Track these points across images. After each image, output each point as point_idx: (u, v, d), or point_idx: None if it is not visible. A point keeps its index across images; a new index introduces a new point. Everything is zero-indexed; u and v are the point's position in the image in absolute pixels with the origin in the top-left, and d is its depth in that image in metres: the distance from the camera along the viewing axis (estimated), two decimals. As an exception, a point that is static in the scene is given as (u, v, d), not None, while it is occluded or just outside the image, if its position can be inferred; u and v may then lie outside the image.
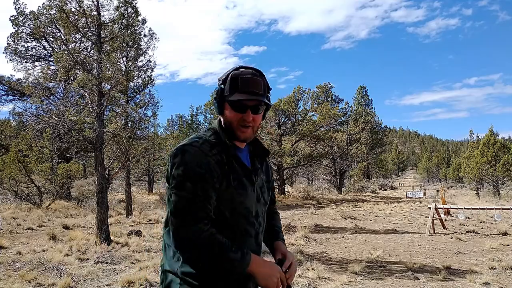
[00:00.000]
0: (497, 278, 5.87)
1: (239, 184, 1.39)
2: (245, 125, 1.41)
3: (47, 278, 5.40)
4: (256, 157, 1.53)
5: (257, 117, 1.44)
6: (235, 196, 1.38)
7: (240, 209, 1.39)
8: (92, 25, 8.04)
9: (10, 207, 14.65)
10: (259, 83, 1.41)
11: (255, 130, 1.47)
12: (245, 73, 1.43)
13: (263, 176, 1.55)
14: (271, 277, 1.34)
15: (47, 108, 10.65)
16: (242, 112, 1.40)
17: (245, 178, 1.42)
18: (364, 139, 32.86)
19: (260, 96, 1.40)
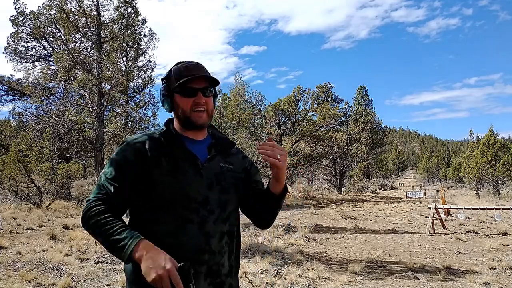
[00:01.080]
0: (497, 278, 5.87)
1: (175, 169, 1.39)
2: (199, 109, 1.44)
3: (47, 278, 5.39)
4: (217, 147, 1.52)
5: (209, 100, 1.47)
6: (169, 181, 1.37)
7: (178, 196, 1.36)
8: (92, 25, 8.05)
9: (10, 207, 14.64)
10: (199, 67, 1.47)
11: (210, 115, 1.49)
12: (186, 63, 1.49)
13: (226, 165, 1.51)
14: (150, 269, 1.18)
15: (47, 108, 10.67)
16: (193, 96, 1.43)
17: (187, 163, 1.41)
18: (364, 139, 32.85)
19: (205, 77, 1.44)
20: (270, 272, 5.90)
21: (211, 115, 1.49)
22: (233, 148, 1.61)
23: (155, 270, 1.17)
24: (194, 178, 1.40)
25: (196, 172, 1.41)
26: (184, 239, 1.34)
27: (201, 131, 1.52)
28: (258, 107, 26.82)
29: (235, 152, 1.61)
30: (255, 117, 26.17)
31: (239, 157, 1.61)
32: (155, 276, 1.17)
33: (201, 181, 1.41)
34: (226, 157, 1.54)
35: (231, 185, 1.50)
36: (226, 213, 1.45)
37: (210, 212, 1.40)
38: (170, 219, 1.35)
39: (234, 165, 1.55)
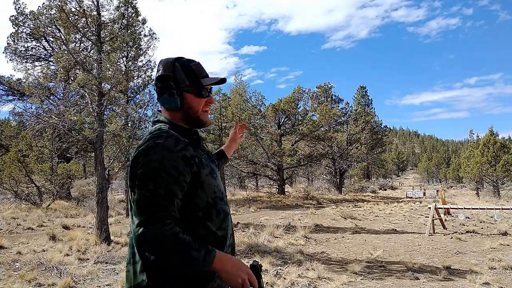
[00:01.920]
0: (497, 278, 5.87)
1: (211, 170, 1.47)
2: (207, 109, 1.52)
3: (47, 278, 5.40)
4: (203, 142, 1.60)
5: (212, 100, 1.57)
6: (212, 182, 1.44)
7: (218, 193, 1.47)
8: (92, 25, 8.04)
9: (10, 207, 14.65)
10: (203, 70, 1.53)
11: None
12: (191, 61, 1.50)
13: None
14: (235, 276, 1.31)
15: (47, 108, 10.66)
16: (206, 96, 1.50)
17: (212, 163, 1.52)
18: (364, 139, 32.83)
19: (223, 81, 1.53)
20: (270, 272, 5.90)
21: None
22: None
23: (240, 275, 1.32)
24: (219, 175, 1.55)
25: (218, 169, 1.59)
26: (227, 230, 1.48)
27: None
28: (258, 107, 26.82)
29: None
30: (255, 117, 26.16)
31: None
32: (240, 280, 1.31)
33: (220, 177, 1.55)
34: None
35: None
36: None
37: (228, 203, 1.58)
38: (216, 214, 1.44)
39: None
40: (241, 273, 1.32)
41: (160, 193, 1.25)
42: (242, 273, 1.32)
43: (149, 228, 1.22)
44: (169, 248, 1.22)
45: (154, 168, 1.26)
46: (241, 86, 26.19)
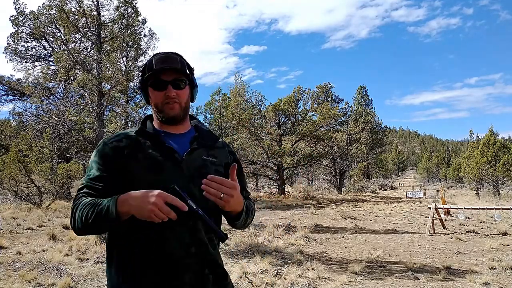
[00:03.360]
0: (497, 278, 5.87)
1: (153, 164, 1.37)
2: (170, 102, 1.41)
3: (47, 278, 5.39)
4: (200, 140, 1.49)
5: (181, 92, 1.43)
6: (148, 176, 1.35)
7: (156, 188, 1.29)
8: (92, 25, 8.04)
9: (10, 207, 14.64)
10: (174, 59, 1.43)
11: (184, 107, 1.46)
12: (160, 54, 1.47)
13: (209, 158, 1.47)
14: (142, 206, 1.18)
15: (47, 108, 10.67)
16: (163, 89, 1.41)
17: (163, 157, 1.39)
18: (364, 139, 32.84)
19: (176, 70, 1.41)
20: (270, 272, 5.90)
21: (185, 107, 1.47)
22: (218, 141, 1.57)
23: (146, 203, 1.17)
24: (174, 172, 1.38)
25: (175, 166, 1.39)
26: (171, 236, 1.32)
27: (181, 125, 1.50)
28: (258, 107, 26.82)
29: (220, 146, 1.57)
30: (255, 117, 26.17)
31: (225, 150, 1.57)
32: (150, 207, 1.16)
33: (182, 174, 1.38)
34: (210, 150, 1.50)
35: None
36: (208, 205, 1.36)
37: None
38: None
39: (217, 158, 1.51)
40: (147, 200, 1.17)
41: (87, 178, 1.38)
42: (150, 198, 1.17)
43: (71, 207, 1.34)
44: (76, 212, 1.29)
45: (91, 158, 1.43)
46: (241, 86, 26.21)
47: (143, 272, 1.32)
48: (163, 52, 1.47)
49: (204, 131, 1.55)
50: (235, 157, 1.60)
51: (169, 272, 1.33)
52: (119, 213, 1.22)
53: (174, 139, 1.46)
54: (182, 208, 1.19)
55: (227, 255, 7.12)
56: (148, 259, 1.33)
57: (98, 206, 1.25)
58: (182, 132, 1.50)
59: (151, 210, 1.16)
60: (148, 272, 1.32)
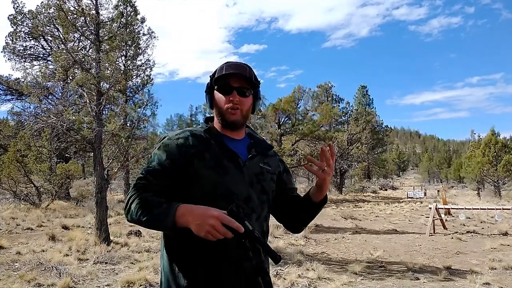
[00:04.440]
0: (497, 278, 5.84)
1: (218, 165, 1.40)
2: (233, 107, 1.44)
3: (47, 278, 5.38)
4: (257, 148, 1.55)
5: (245, 100, 1.47)
6: (213, 176, 1.38)
7: (221, 190, 1.38)
8: (90, 24, 8.01)
9: (9, 207, 14.63)
10: (244, 68, 1.47)
11: (245, 115, 1.49)
12: (232, 62, 1.53)
13: (265, 166, 1.53)
14: (199, 224, 1.19)
15: (45, 108, 10.65)
16: (229, 93, 1.45)
17: (227, 160, 1.43)
18: (364, 139, 32.83)
19: (245, 78, 1.45)
20: (270, 272, 5.87)
21: (245, 115, 1.50)
22: (271, 150, 1.63)
23: (205, 223, 1.19)
24: (236, 175, 1.42)
25: (238, 170, 1.43)
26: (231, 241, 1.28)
27: (239, 131, 1.53)
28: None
29: (272, 154, 1.63)
30: (255, 117, 26.15)
31: (276, 159, 1.64)
32: (207, 228, 1.18)
33: (243, 178, 1.43)
34: (265, 158, 1.56)
35: (270, 186, 1.53)
36: (264, 212, 1.48)
37: (253, 210, 1.42)
38: None
39: (271, 167, 1.57)
40: (206, 219, 1.19)
41: (146, 168, 1.40)
42: (209, 219, 1.18)
43: (127, 198, 1.36)
44: (133, 204, 1.31)
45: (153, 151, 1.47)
46: (241, 86, 26.17)
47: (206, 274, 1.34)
48: (234, 61, 1.53)
49: (259, 140, 1.62)
50: (285, 166, 1.69)
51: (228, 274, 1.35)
52: (175, 223, 1.23)
53: (233, 144, 1.50)
54: (238, 230, 1.20)
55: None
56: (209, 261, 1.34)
57: (157, 208, 1.27)
58: (240, 138, 1.54)
59: (208, 230, 1.19)
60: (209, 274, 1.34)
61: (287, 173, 1.67)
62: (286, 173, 1.67)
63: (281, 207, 1.60)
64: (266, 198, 1.50)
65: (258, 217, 1.45)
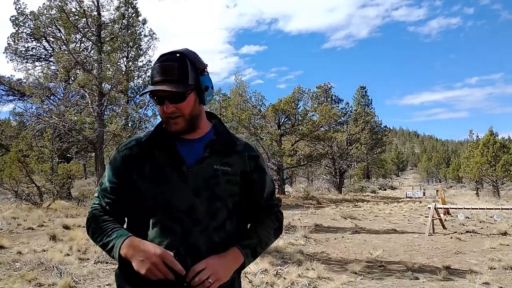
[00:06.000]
0: (496, 278, 5.88)
1: (157, 176, 1.30)
2: (171, 117, 1.29)
3: (48, 278, 5.40)
4: (216, 146, 1.35)
5: (182, 106, 1.28)
6: (151, 188, 1.29)
7: (160, 202, 1.28)
8: (92, 25, 8.05)
9: (11, 207, 14.63)
10: (169, 68, 1.27)
11: (189, 119, 1.31)
12: (158, 60, 1.33)
13: (222, 167, 1.34)
14: (143, 261, 1.16)
15: (47, 108, 10.69)
16: (161, 104, 1.28)
17: (171, 167, 1.30)
18: (364, 139, 32.86)
19: (171, 82, 1.25)
20: (270, 272, 5.91)
21: (190, 118, 1.31)
22: (238, 145, 1.41)
23: (147, 260, 1.15)
24: (178, 184, 1.29)
25: (181, 177, 1.29)
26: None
27: (195, 131, 1.37)
28: (258, 107, 26.82)
29: (240, 150, 1.40)
30: (255, 117, 26.18)
31: (243, 156, 1.40)
32: (149, 266, 1.15)
33: (186, 187, 1.29)
34: (226, 156, 1.36)
35: (227, 191, 1.33)
36: (217, 222, 1.31)
37: (196, 222, 1.28)
38: (152, 225, 1.29)
39: (232, 166, 1.36)
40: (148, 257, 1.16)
41: (99, 187, 1.39)
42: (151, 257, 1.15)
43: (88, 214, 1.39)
44: (91, 234, 1.32)
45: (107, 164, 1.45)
46: (241, 86, 26.21)
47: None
48: (162, 58, 1.32)
49: (223, 134, 1.41)
50: (258, 162, 1.43)
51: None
52: (121, 256, 1.22)
53: (188, 145, 1.35)
54: (180, 273, 1.16)
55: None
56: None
57: (108, 236, 1.26)
58: (198, 137, 1.38)
59: (149, 269, 1.15)
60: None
61: (259, 172, 1.43)
62: (259, 171, 1.43)
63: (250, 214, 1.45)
64: (221, 205, 1.32)
65: (205, 229, 1.28)
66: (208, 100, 1.37)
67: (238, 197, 1.37)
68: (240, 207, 1.40)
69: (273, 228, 1.45)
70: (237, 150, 1.40)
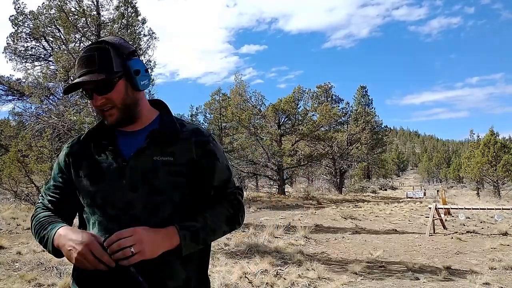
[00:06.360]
0: (497, 278, 5.86)
1: (94, 173, 1.24)
2: (104, 109, 1.22)
3: (47, 278, 5.39)
4: (157, 136, 1.26)
5: (111, 95, 1.20)
6: (88, 186, 1.24)
7: (97, 201, 1.23)
8: (91, 24, 8.04)
9: (10, 207, 14.64)
10: (89, 59, 1.19)
11: (122, 108, 1.23)
12: (83, 51, 1.26)
13: (163, 158, 1.23)
14: (72, 250, 1.10)
15: (46, 108, 10.68)
16: (91, 98, 1.22)
17: (107, 164, 1.24)
18: (364, 139, 32.83)
19: (93, 73, 1.18)
20: (270, 272, 5.89)
21: (123, 107, 1.23)
22: (184, 132, 1.29)
23: (74, 249, 1.09)
24: (114, 180, 1.22)
25: (117, 173, 1.22)
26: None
27: (136, 121, 1.29)
28: (258, 107, 26.81)
29: (186, 137, 1.28)
30: (255, 117, 26.18)
31: (189, 143, 1.27)
32: (76, 255, 1.08)
33: (123, 183, 1.21)
34: (169, 146, 1.24)
35: (167, 183, 1.22)
36: (158, 218, 1.20)
37: (134, 219, 1.18)
38: (91, 225, 1.25)
39: (175, 155, 1.24)
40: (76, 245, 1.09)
41: (45, 186, 1.37)
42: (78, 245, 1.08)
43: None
44: (32, 226, 1.29)
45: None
46: (241, 86, 26.21)
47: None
48: (84, 49, 1.25)
49: (167, 122, 1.31)
50: (206, 148, 1.29)
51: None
52: (56, 249, 1.17)
53: (129, 138, 1.28)
54: (109, 265, 1.08)
55: (227, 255, 7.11)
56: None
57: (43, 229, 1.22)
58: (141, 128, 1.29)
59: (77, 259, 1.09)
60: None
61: (208, 158, 1.29)
62: (207, 157, 1.29)
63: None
64: (163, 199, 1.21)
65: (145, 225, 1.17)
66: (143, 85, 1.26)
67: (188, 189, 1.25)
68: (192, 200, 1.27)
69: (225, 215, 1.29)
70: (182, 137, 1.28)
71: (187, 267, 1.24)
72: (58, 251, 1.17)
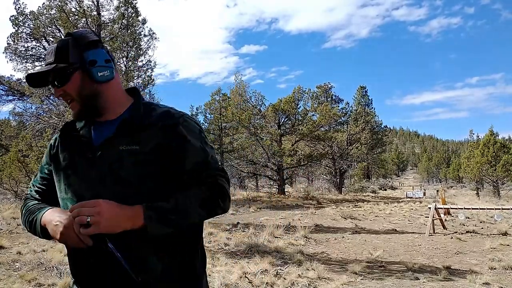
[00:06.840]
0: (497, 278, 5.87)
1: (68, 165, 1.23)
2: (67, 102, 1.21)
3: (47, 278, 5.40)
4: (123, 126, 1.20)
5: (67, 87, 1.18)
6: (63, 179, 1.23)
7: (69, 193, 1.21)
8: (92, 25, 8.05)
9: (10, 207, 14.65)
10: (49, 52, 1.20)
11: (83, 100, 1.20)
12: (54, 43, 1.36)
13: (128, 147, 1.17)
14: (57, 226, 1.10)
15: (47, 108, 10.68)
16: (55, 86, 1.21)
17: (79, 155, 1.22)
18: (364, 139, 32.84)
19: (49, 65, 1.17)
20: (270, 272, 5.90)
21: (84, 99, 1.20)
22: (151, 118, 1.22)
23: (60, 223, 1.09)
24: (85, 173, 1.19)
25: (88, 164, 1.19)
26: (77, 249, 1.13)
27: (107, 112, 1.24)
28: (258, 107, 26.81)
29: (153, 122, 1.21)
30: (255, 117, 26.18)
31: (156, 128, 1.19)
32: (62, 229, 1.08)
33: (92, 174, 1.17)
34: (134, 134, 1.18)
35: (134, 174, 1.15)
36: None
37: None
38: None
39: (141, 143, 1.17)
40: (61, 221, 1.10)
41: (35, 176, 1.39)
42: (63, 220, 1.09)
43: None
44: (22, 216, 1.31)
45: None
46: (241, 86, 26.21)
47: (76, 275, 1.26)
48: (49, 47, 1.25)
49: (137, 109, 1.25)
50: (176, 131, 1.20)
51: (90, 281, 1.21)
52: (43, 228, 1.18)
53: (101, 129, 1.24)
54: (85, 242, 1.07)
55: (227, 255, 7.12)
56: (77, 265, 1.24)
57: (32, 214, 1.24)
58: (114, 118, 1.24)
59: (62, 233, 1.09)
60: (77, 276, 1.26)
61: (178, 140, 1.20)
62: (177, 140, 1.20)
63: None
64: (132, 190, 1.15)
65: None
66: (101, 76, 1.19)
67: (162, 178, 1.18)
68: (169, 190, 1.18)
69: (200, 197, 1.18)
70: (149, 123, 1.20)
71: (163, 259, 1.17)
72: (45, 231, 1.18)
